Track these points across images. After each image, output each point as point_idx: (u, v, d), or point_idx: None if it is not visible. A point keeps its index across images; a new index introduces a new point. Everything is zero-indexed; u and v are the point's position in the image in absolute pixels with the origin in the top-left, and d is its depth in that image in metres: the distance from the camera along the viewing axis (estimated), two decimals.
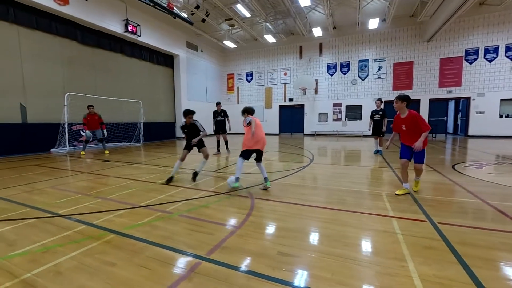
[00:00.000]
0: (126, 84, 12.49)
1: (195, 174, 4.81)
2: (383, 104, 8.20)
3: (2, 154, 8.07)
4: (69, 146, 9.51)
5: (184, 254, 2.17)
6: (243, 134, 4.37)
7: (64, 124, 9.00)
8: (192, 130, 4.94)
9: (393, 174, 5.25)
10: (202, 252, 2.19)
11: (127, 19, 11.45)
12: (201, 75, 17.51)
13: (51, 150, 9.03)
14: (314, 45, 16.98)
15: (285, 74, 18.19)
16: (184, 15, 11.96)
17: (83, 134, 10.47)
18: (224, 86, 20.39)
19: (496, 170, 5.44)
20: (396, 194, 3.74)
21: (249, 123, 4.11)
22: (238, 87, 19.93)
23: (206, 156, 4.95)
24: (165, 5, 8.23)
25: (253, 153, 4.22)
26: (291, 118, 18.67)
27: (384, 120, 7.89)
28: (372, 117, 8.18)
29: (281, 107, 18.68)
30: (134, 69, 12.97)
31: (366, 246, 2.33)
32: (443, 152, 8.62)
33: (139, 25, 12.02)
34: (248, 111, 4.30)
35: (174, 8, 8.71)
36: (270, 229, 2.72)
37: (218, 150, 8.56)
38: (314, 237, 2.52)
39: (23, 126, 8.62)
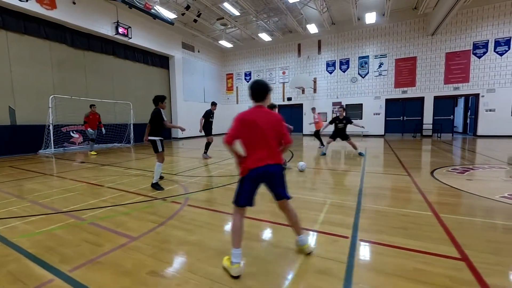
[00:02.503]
0: (119, 85, 12.66)
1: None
2: (345, 112, 7.82)
3: None
4: (57, 147, 9.75)
5: (46, 269, 2.00)
6: None
7: (49, 126, 9.20)
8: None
9: (358, 179, 4.83)
10: (67, 268, 2.01)
11: (117, 22, 11.59)
12: (198, 76, 17.50)
13: (39, 151, 9.28)
14: (312, 42, 16.45)
15: (284, 73, 17.79)
16: (172, 15, 11.96)
17: (74, 135, 10.77)
18: (224, 86, 20.29)
19: (477, 176, 4.87)
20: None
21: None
22: (237, 87, 19.75)
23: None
24: (141, 6, 8.19)
25: None
26: (290, 118, 18.18)
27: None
28: (333, 122, 7.77)
29: (279, 106, 18.27)
30: (128, 70, 13.13)
31: (251, 266, 2.03)
32: (436, 154, 7.97)
33: (130, 27, 12.13)
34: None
35: (152, 8, 8.64)
36: (167, 242, 2.48)
37: (206, 153, 7.83)
38: (205, 254, 2.26)
39: (12, 128, 8.91)
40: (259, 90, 2.07)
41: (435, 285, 1.74)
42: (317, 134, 10.00)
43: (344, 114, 7.70)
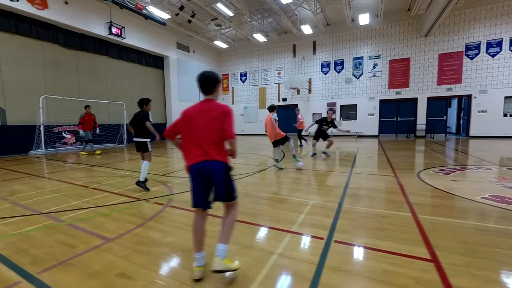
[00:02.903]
0: (113, 86, 12.62)
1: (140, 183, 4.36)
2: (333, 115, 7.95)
3: None
4: (49, 148, 9.70)
5: (15, 271, 1.98)
6: (237, 134, 4.28)
7: (40, 126, 9.15)
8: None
9: (344, 180, 4.85)
10: (37, 270, 1.99)
11: (110, 22, 11.55)
12: (193, 76, 17.27)
13: (30, 152, 9.23)
14: (307, 43, 16.49)
15: (279, 73, 17.81)
16: (166, 16, 11.94)
17: (66, 136, 10.72)
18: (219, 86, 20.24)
19: (463, 177, 4.90)
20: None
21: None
22: (232, 87, 19.76)
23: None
24: (132, 7, 8.17)
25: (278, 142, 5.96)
26: (285, 118, 18.22)
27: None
28: (319, 122, 7.76)
29: None
30: (121, 71, 13.09)
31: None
32: (426, 155, 8.02)
33: (123, 27, 12.10)
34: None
35: (143, 8, 8.63)
36: (142, 243, 2.47)
37: None
38: (178, 255, 2.25)
39: (2, 129, 8.85)
40: (206, 82, 1.91)
41: (400, 286, 1.75)
42: (299, 134, 10.44)
43: (332, 117, 7.71)
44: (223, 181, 1.87)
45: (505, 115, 12.32)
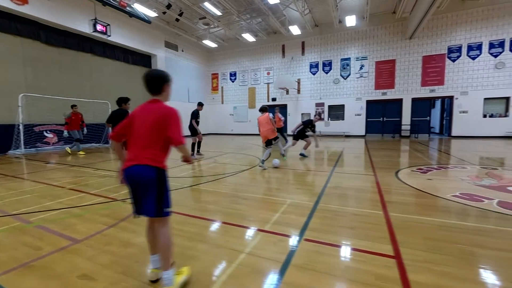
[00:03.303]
0: (97, 84, 12.36)
1: None
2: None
3: None
4: (29, 148, 9.42)
5: None
6: (227, 134, 4.33)
7: (19, 125, 8.88)
8: None
9: (325, 179, 4.92)
10: None
11: (95, 19, 11.31)
12: (182, 75, 17.31)
13: (8, 152, 8.93)
14: (296, 43, 16.61)
15: (268, 73, 17.87)
16: (152, 14, 11.79)
17: (47, 135, 10.42)
18: (209, 86, 20.18)
19: (438, 175, 5.06)
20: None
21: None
22: (222, 87, 19.69)
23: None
24: (116, 4, 8.03)
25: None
26: (274, 117, 18.30)
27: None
28: (305, 124, 7.73)
29: None
30: (107, 69, 12.83)
31: (183, 267, 2.02)
32: (408, 154, 8.22)
33: (109, 24, 11.87)
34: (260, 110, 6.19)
35: (127, 6, 8.49)
36: (111, 244, 2.43)
37: (199, 152, 8.11)
38: (145, 256, 2.22)
39: None
40: (152, 81, 1.76)
41: (359, 283, 1.79)
42: (281, 133, 11.09)
43: (316, 122, 7.77)
44: (150, 190, 1.63)
45: (484, 116, 12.77)
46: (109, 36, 11.95)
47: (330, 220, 2.93)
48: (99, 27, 11.40)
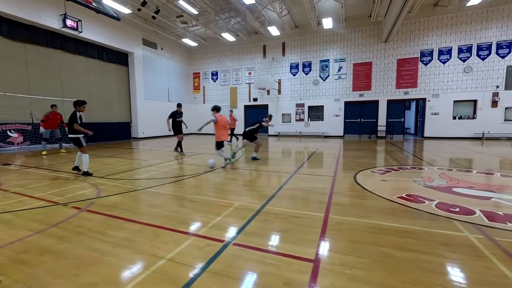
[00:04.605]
0: (69, 82, 11.90)
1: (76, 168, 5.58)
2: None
3: None
4: None
5: None
6: (208, 134, 4.32)
7: None
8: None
9: (283, 181, 4.93)
10: None
11: (65, 14, 10.87)
12: (161, 74, 16.98)
13: None
14: (277, 44, 16.67)
15: (250, 73, 17.84)
16: (127, 10, 11.49)
17: (11, 135, 9.95)
18: (190, 85, 19.92)
19: (394, 176, 5.19)
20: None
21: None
22: (204, 86, 19.49)
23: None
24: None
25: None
26: (256, 118, 18.28)
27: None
28: (256, 124, 7.34)
29: (246, 107, 18.32)
30: (79, 66, 12.38)
31: (94, 276, 1.94)
32: (376, 155, 8.41)
33: (80, 20, 11.45)
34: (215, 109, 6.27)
35: (93, 1, 8.21)
36: (28, 251, 2.30)
37: (182, 151, 8.52)
38: (59, 264, 2.13)
39: None
40: None
41: None
42: (232, 133, 12.42)
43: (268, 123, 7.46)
44: None
45: (454, 118, 13.28)
46: (81, 32, 11.52)
47: (267, 224, 2.92)
48: (69, 23, 10.98)
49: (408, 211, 3.26)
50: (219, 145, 6.27)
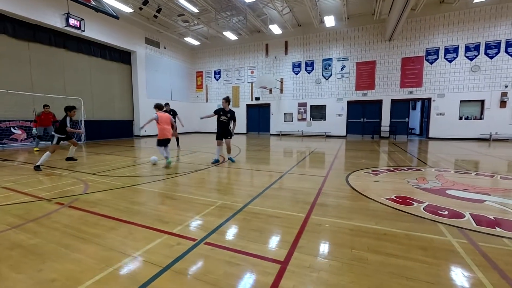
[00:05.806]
0: (71, 80, 12.08)
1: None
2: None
3: None
4: None
5: None
6: (211, 133, 4.18)
7: None
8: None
9: (272, 180, 4.85)
10: None
11: (68, 13, 11.04)
12: (164, 73, 17.09)
13: None
14: (279, 43, 16.54)
15: (252, 72, 17.77)
16: (128, 9, 11.58)
17: (15, 131, 10.16)
18: (193, 84, 19.99)
19: (388, 178, 5.04)
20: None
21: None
22: (206, 85, 19.53)
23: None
24: None
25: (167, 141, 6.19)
26: (258, 117, 18.27)
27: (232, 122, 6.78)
28: (219, 116, 6.65)
29: (248, 106, 18.26)
30: (82, 65, 12.56)
31: (54, 272, 1.92)
32: (375, 155, 8.22)
33: (83, 19, 11.61)
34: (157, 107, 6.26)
35: (92, 0, 8.29)
36: (0, 247, 2.33)
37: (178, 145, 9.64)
38: (27, 259, 2.12)
39: None
40: None
41: None
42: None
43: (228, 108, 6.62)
44: None
45: (460, 118, 12.91)
46: (84, 31, 11.69)
47: (245, 223, 2.86)
48: (72, 22, 11.14)
49: (394, 213, 3.14)
50: (161, 142, 6.19)
